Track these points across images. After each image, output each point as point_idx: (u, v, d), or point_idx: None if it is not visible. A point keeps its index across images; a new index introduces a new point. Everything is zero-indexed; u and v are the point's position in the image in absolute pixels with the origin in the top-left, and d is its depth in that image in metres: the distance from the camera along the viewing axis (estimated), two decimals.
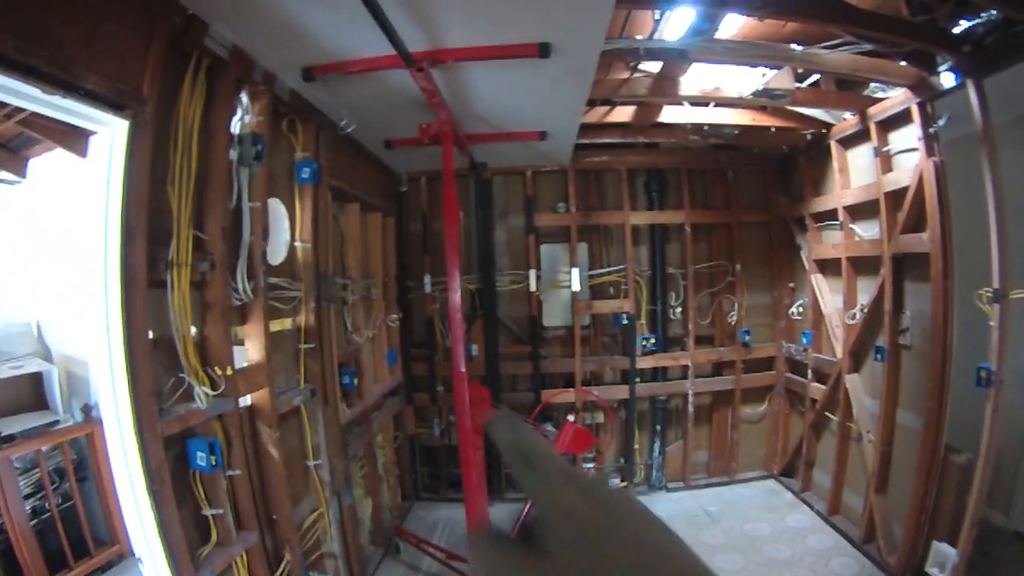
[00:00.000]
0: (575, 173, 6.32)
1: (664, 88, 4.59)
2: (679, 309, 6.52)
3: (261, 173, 3.55)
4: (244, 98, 3.46)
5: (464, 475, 4.03)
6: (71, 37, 2.23)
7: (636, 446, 6.50)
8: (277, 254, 4.07)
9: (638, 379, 6.37)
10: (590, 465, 6.47)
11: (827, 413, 5.80)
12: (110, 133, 2.56)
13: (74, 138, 4.60)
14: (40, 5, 2.09)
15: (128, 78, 2.54)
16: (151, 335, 2.72)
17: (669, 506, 6.19)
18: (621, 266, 6.41)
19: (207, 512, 3.02)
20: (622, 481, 6.50)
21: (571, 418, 4.89)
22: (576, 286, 6.26)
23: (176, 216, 2.90)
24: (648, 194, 6.52)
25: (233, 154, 3.37)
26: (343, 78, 3.62)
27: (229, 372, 3.13)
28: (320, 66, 3.53)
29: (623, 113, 5.31)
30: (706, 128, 5.51)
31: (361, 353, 5.20)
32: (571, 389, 6.27)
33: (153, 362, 2.68)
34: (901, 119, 4.62)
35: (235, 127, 3.44)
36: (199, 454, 2.93)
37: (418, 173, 6.37)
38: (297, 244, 4.17)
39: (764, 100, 4.49)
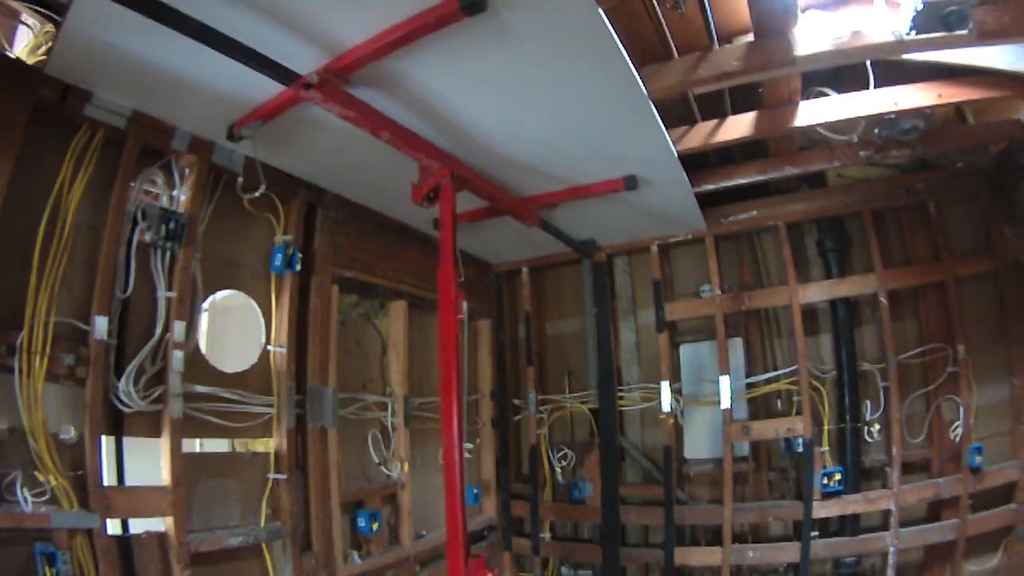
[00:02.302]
0: (715, 240, 5.12)
1: (770, 53, 3.32)
2: (876, 426, 4.75)
3: (184, 257, 3.30)
4: (163, 171, 3.35)
5: None
6: None
7: None
8: (237, 358, 3.72)
9: (815, 534, 4.74)
10: None
11: None
12: None
13: None
14: None
15: None
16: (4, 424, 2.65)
17: None
18: (792, 367, 4.87)
19: None
20: None
21: None
22: (727, 401, 4.88)
23: (31, 303, 2.78)
24: (823, 256, 5.02)
25: (148, 235, 3.16)
26: (300, 132, 3.41)
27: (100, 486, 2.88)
28: (240, 120, 3.23)
29: (739, 125, 4.04)
30: (878, 134, 3.96)
31: (402, 490, 4.47)
32: (717, 548, 4.87)
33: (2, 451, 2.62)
34: None
35: (164, 203, 3.28)
36: (43, 567, 2.65)
37: (518, 263, 5.76)
38: (270, 349, 3.75)
39: (939, 35, 2.94)
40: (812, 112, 3.85)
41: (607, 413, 5.26)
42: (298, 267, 3.89)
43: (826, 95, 3.84)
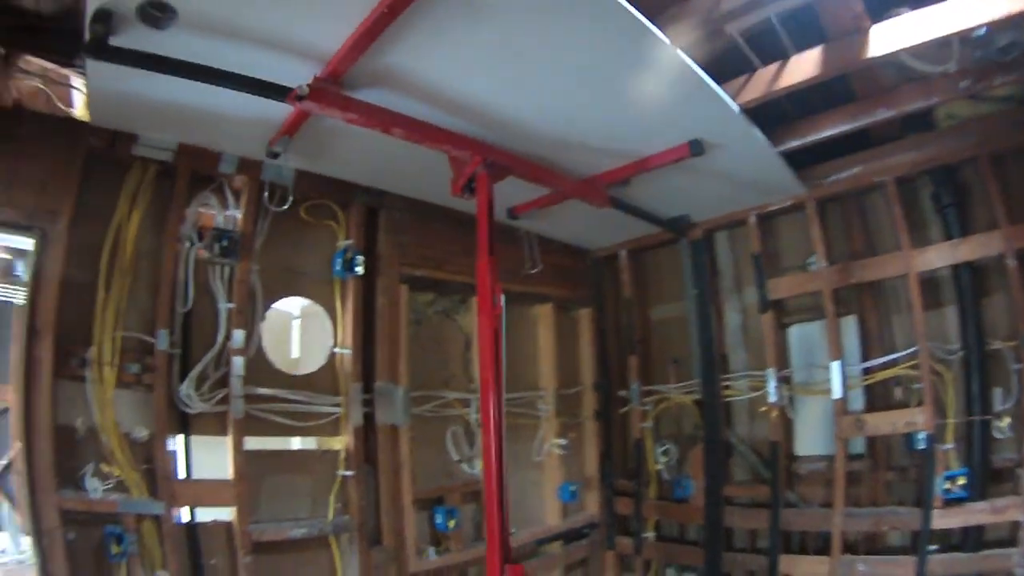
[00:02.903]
0: (818, 205, 4.44)
1: None
2: (1007, 419, 3.82)
3: (241, 270, 3.63)
4: (215, 193, 3.72)
5: None
6: None
7: None
8: (304, 361, 3.98)
9: (933, 548, 3.98)
10: None
11: None
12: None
13: None
14: None
15: (47, 202, 3.13)
16: (80, 424, 3.17)
17: None
18: (912, 348, 4.07)
19: None
20: None
21: None
22: (838, 390, 4.24)
23: (99, 320, 3.27)
24: (940, 213, 4.11)
25: (205, 253, 3.51)
26: (328, 140, 3.56)
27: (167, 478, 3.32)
28: (272, 138, 3.45)
29: (804, 65, 3.46)
30: (974, 58, 3.19)
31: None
32: (825, 558, 4.27)
33: (81, 448, 3.14)
34: None
35: (220, 223, 3.62)
36: (111, 545, 3.12)
37: (615, 247, 5.54)
38: (337, 351, 3.99)
39: None
40: (885, 38, 3.14)
41: (710, 404, 4.86)
42: (359, 270, 4.07)
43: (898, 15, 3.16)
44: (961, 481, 3.95)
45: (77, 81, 3.47)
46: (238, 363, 3.57)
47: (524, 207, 4.46)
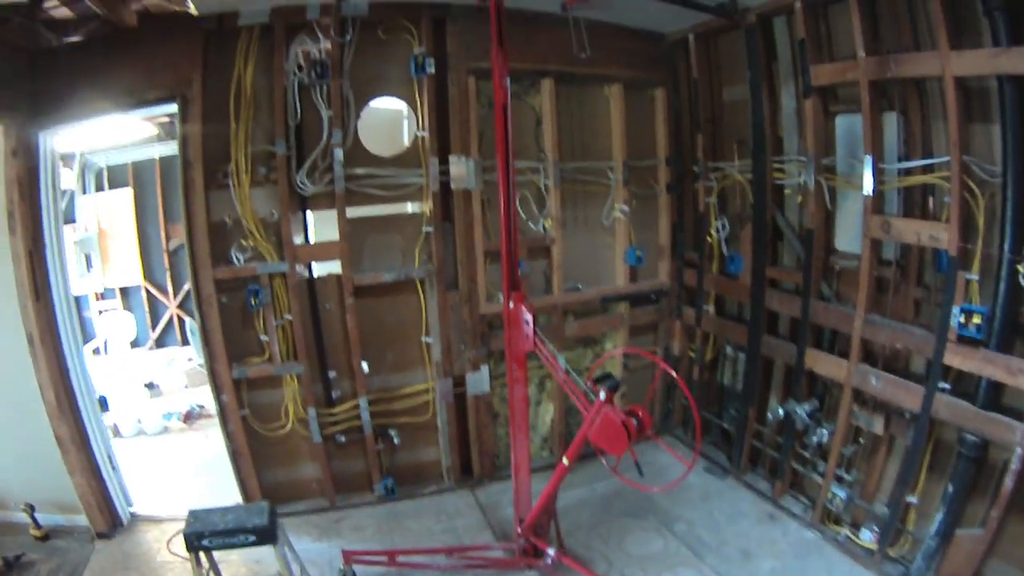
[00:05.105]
0: None
1: None
2: None
3: (334, 86, 4.95)
4: (308, 33, 4.87)
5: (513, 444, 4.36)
6: (143, 80, 4.73)
7: (914, 499, 4.21)
8: (393, 145, 5.27)
9: (944, 385, 3.94)
10: None
11: None
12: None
13: None
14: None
15: (181, 76, 4.70)
16: (227, 218, 4.91)
17: None
18: (946, 156, 3.97)
19: (263, 337, 5.07)
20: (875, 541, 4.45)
21: (603, 395, 3.72)
22: (868, 186, 4.34)
23: (234, 143, 4.87)
24: (990, 16, 3.60)
25: (306, 78, 4.92)
26: None
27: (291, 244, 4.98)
28: None
29: None
30: None
31: (553, 245, 5.71)
32: (844, 361, 4.58)
33: (229, 234, 4.91)
34: None
35: (315, 55, 4.91)
36: (251, 298, 5.00)
37: (684, 31, 5.76)
38: (418, 134, 5.26)
39: None
40: None
41: (758, 185, 5.22)
42: (430, 69, 5.12)
43: None
44: (976, 320, 3.72)
45: None
46: (338, 153, 5.01)
47: (570, 1, 4.96)
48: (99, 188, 10.33)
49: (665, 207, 6.27)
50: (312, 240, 5.23)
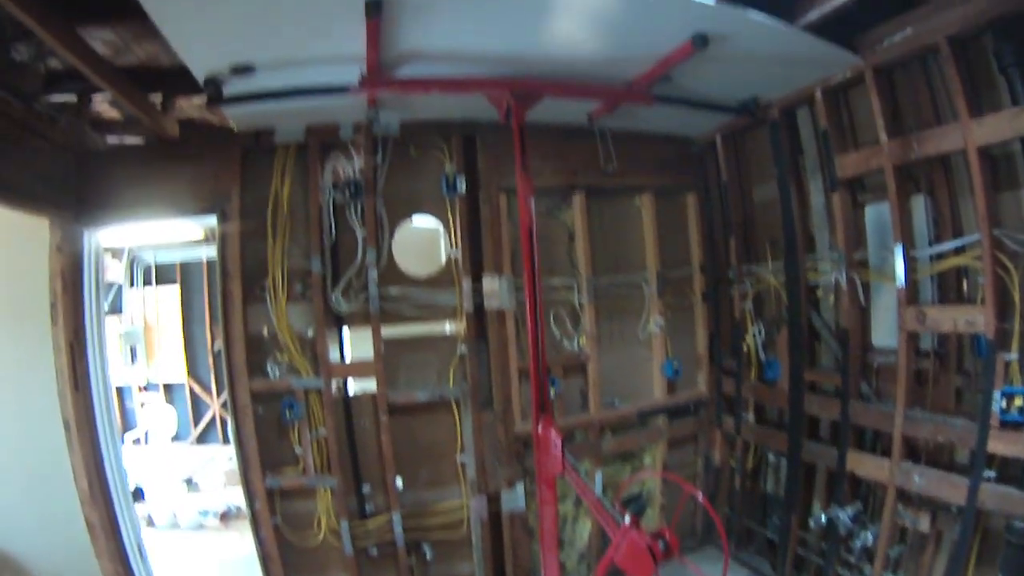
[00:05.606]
0: (875, 74, 4.22)
1: None
2: None
3: (368, 205, 5.13)
4: (342, 152, 5.11)
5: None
6: (184, 191, 4.94)
7: None
8: (427, 265, 5.40)
9: (989, 474, 3.74)
10: None
11: None
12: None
13: None
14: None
15: (221, 189, 4.94)
16: (264, 331, 5.06)
17: None
18: (976, 235, 3.90)
19: (297, 449, 5.11)
20: None
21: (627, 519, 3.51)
22: (901, 277, 4.23)
23: (271, 259, 5.07)
24: (1005, 74, 3.62)
25: (340, 198, 5.12)
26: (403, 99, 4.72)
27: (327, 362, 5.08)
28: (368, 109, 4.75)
29: None
30: None
31: (588, 362, 5.71)
32: (886, 461, 4.40)
33: (266, 347, 5.04)
34: None
35: (348, 174, 5.13)
36: (286, 411, 5.07)
37: (711, 132, 5.84)
38: (451, 253, 5.38)
39: None
40: None
41: (792, 287, 5.16)
42: (462, 188, 5.26)
43: None
44: (1018, 402, 3.55)
45: None
46: (373, 273, 5.13)
47: (597, 113, 5.10)
48: (147, 282, 10.74)
49: (701, 316, 6.22)
50: (348, 357, 5.31)
